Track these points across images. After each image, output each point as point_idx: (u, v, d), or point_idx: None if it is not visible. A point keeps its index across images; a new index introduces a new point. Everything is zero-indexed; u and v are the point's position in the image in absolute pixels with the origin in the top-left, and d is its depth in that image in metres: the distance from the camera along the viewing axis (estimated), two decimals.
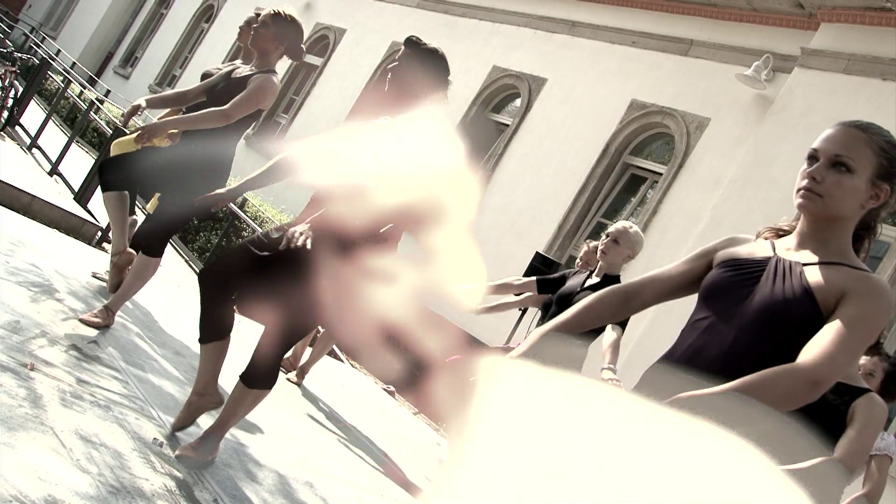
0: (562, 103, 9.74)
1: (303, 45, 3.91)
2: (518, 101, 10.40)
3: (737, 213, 7.08)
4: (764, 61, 7.80)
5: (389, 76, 2.92)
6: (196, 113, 3.69)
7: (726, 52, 8.42)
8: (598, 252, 4.04)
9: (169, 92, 4.03)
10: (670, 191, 8.21)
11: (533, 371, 1.53)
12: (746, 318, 1.68)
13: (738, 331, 1.67)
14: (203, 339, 2.90)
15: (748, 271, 1.75)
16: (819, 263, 1.71)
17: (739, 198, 7.16)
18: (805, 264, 1.72)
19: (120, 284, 4.05)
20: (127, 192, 4.08)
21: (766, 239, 1.87)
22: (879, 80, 6.79)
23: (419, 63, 2.89)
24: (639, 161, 8.92)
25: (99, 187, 4.39)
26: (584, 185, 8.91)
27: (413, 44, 2.91)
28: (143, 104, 3.76)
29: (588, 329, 1.95)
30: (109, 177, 3.99)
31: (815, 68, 7.22)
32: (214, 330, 2.88)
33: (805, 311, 1.64)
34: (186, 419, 2.92)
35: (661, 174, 8.50)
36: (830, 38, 7.22)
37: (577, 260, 4.79)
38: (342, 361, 7.18)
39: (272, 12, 3.78)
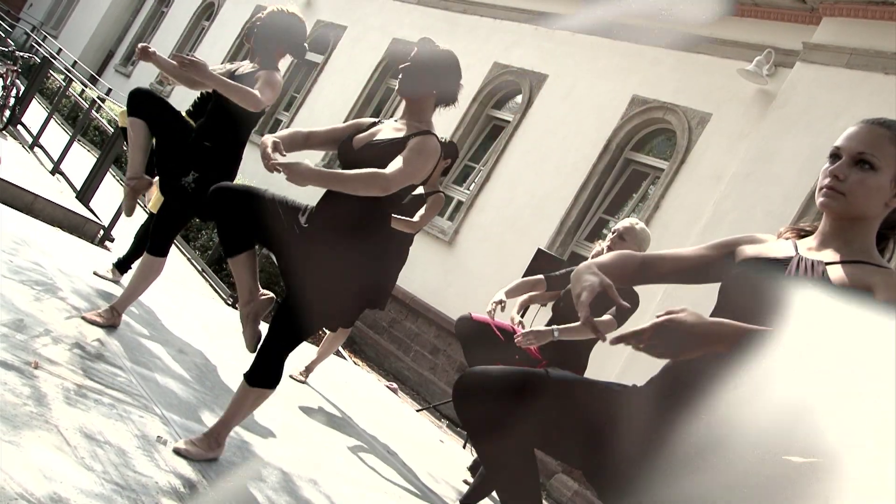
0: (563, 99, 9.73)
1: (305, 44, 3.91)
2: (519, 98, 10.40)
3: (739, 209, 7.07)
4: (765, 56, 7.79)
5: (401, 76, 2.92)
6: (234, 83, 3.48)
7: (728, 47, 8.41)
8: (605, 249, 4.04)
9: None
10: (672, 186, 8.20)
11: None
12: (768, 317, 1.66)
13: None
14: (227, 254, 2.88)
15: (770, 270, 1.73)
16: (842, 262, 1.68)
17: (741, 193, 7.15)
18: (828, 263, 1.70)
19: (134, 208, 4.05)
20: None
21: (787, 239, 1.85)
22: (882, 74, 6.77)
23: (431, 65, 2.89)
24: (640, 157, 8.91)
25: (102, 182, 4.36)
26: (585, 181, 8.91)
27: (426, 45, 2.91)
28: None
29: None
30: (140, 106, 3.89)
31: (817, 63, 7.20)
32: (234, 244, 2.86)
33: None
34: (253, 331, 2.92)
35: (662, 170, 8.49)
36: (832, 33, 7.21)
37: (589, 259, 4.78)
38: (345, 360, 7.18)
39: (275, 10, 3.78)
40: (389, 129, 2.91)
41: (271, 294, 2.96)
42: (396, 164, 2.67)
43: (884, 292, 1.59)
